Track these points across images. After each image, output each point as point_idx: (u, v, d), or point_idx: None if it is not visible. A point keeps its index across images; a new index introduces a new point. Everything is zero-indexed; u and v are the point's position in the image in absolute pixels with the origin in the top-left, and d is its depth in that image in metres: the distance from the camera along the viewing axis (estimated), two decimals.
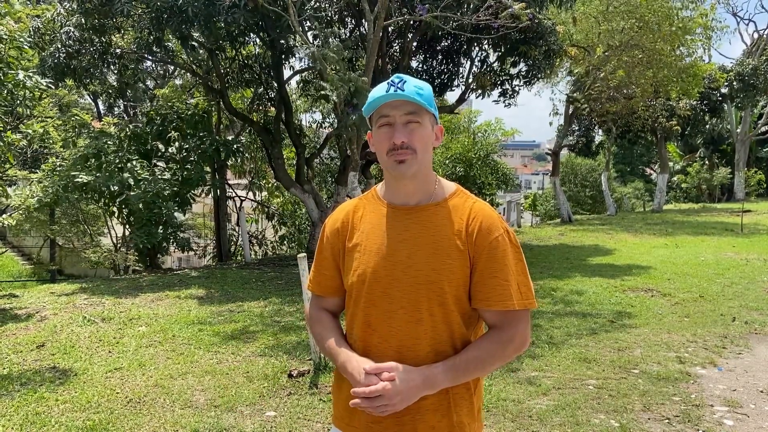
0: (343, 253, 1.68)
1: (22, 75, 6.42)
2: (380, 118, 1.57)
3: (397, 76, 1.57)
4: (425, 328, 1.54)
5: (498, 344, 1.55)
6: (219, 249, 15.20)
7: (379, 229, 1.62)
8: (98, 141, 10.85)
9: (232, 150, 12.31)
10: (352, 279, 1.63)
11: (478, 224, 1.56)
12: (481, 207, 1.61)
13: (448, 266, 1.54)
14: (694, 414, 3.98)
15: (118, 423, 3.90)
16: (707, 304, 7.23)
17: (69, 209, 14.09)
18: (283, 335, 6.00)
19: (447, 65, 13.62)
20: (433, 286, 1.53)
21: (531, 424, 3.82)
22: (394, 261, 1.57)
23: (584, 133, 24.72)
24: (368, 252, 1.61)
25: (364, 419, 1.60)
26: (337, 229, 1.71)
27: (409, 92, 1.53)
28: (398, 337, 1.55)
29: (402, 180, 1.59)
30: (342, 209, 1.75)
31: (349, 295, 1.66)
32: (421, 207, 1.61)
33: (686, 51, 17.76)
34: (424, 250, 1.56)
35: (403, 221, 1.61)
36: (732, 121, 29.38)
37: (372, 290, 1.58)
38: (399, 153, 1.54)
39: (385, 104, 1.56)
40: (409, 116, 1.55)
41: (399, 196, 1.63)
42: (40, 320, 6.68)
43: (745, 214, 17.51)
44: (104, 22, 9.96)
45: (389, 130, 1.56)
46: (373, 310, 1.59)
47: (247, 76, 13.45)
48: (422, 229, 1.58)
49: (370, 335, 1.59)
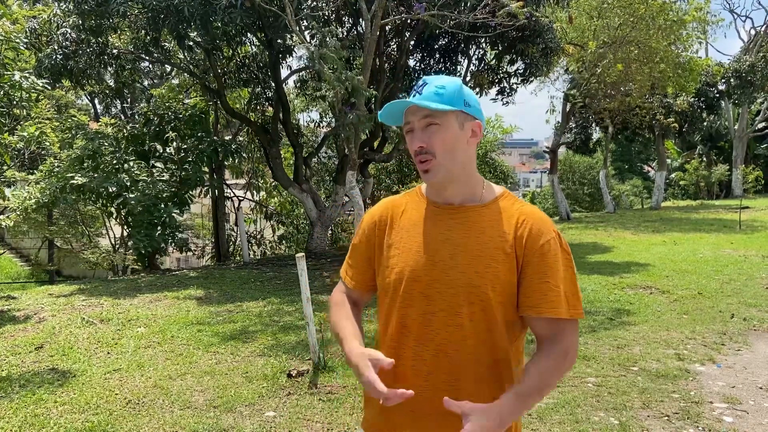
0: (380, 249, 1.62)
1: (18, 76, 6.41)
2: (405, 125, 1.55)
3: (423, 80, 1.53)
4: (466, 334, 1.46)
5: (556, 360, 1.46)
6: (217, 249, 15.18)
7: (421, 227, 1.56)
8: (94, 142, 10.83)
9: (229, 150, 12.30)
10: (389, 277, 1.56)
11: (529, 227, 1.49)
12: (531, 210, 1.55)
13: (494, 270, 1.46)
14: (693, 411, 3.98)
15: (117, 424, 3.89)
16: (706, 301, 7.24)
17: (67, 210, 14.05)
18: (282, 335, 5.99)
19: (444, 64, 13.60)
20: (476, 290, 1.46)
21: (530, 422, 3.82)
22: (435, 261, 1.50)
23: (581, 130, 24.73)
24: (408, 250, 1.55)
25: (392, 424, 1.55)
26: (375, 223, 1.65)
27: (424, 96, 1.49)
28: (436, 341, 1.48)
29: (436, 186, 1.56)
30: (383, 203, 1.69)
31: (385, 294, 1.59)
32: (466, 207, 1.55)
33: (682, 46, 17.76)
34: (467, 251, 1.49)
35: (446, 221, 1.54)
36: (729, 118, 29.40)
37: (410, 290, 1.51)
38: (420, 159, 1.52)
39: (406, 111, 1.53)
40: (427, 119, 1.50)
41: (441, 196, 1.58)
42: (39, 322, 6.67)
43: (743, 211, 17.52)
44: (101, 23, 9.92)
45: (411, 137, 1.53)
46: (410, 311, 1.52)
47: (244, 75, 13.42)
48: (467, 230, 1.52)
49: (405, 337, 1.52)
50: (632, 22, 15.81)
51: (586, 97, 18.38)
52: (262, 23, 9.84)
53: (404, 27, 11.72)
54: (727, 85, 23.61)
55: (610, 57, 16.12)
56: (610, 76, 16.70)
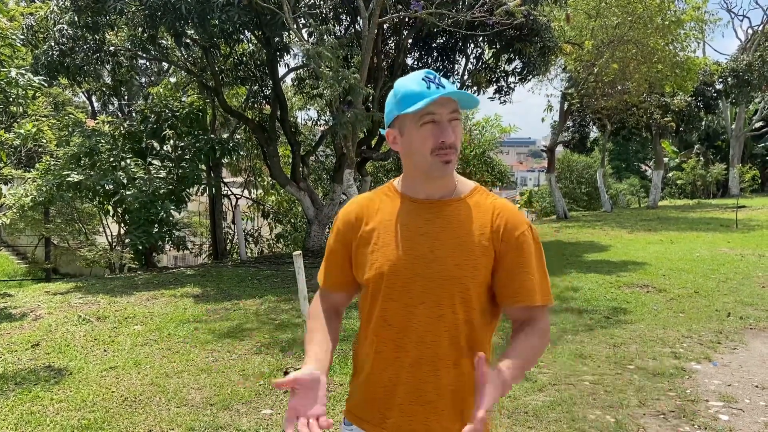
0: (358, 248, 1.62)
1: (14, 73, 6.40)
2: (425, 116, 1.51)
3: (430, 72, 1.53)
4: (447, 325, 1.50)
5: (539, 338, 1.52)
6: (215, 247, 15.15)
7: (398, 223, 1.57)
8: (91, 139, 10.81)
9: (227, 148, 12.28)
10: (369, 274, 1.57)
11: (504, 220, 1.54)
12: (504, 203, 1.59)
13: (473, 262, 1.50)
14: (689, 409, 3.99)
15: (113, 422, 3.89)
16: (702, 299, 7.25)
17: (64, 208, 14.03)
18: (279, 333, 5.99)
19: (442, 62, 13.62)
20: (456, 282, 1.50)
21: (527, 421, 3.82)
22: (415, 255, 1.52)
23: (579, 129, 24.75)
24: (387, 246, 1.56)
25: (377, 415, 1.58)
26: (350, 222, 1.65)
27: (450, 89, 1.49)
28: (418, 332, 1.51)
29: (439, 179, 1.57)
30: (355, 201, 1.70)
31: (366, 291, 1.61)
32: (444, 201, 1.58)
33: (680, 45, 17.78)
34: (447, 244, 1.52)
35: (423, 215, 1.56)
36: (726, 118, 29.45)
37: (392, 285, 1.53)
38: (445, 152, 1.51)
39: (434, 101, 1.50)
40: (455, 114, 1.52)
41: (424, 192, 1.59)
42: (35, 319, 6.65)
43: (739, 210, 17.57)
44: (98, 20, 9.89)
45: (435, 128, 1.51)
46: (391, 305, 1.54)
47: (241, 73, 13.40)
48: (446, 224, 1.54)
49: (387, 330, 1.55)
50: (630, 21, 15.83)
51: (584, 96, 18.40)
52: (260, 21, 9.82)
53: (402, 25, 11.72)
54: (725, 85, 23.65)
55: (608, 56, 16.14)
56: (607, 75, 16.73)
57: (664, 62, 16.68)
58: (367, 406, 1.59)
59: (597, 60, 16.50)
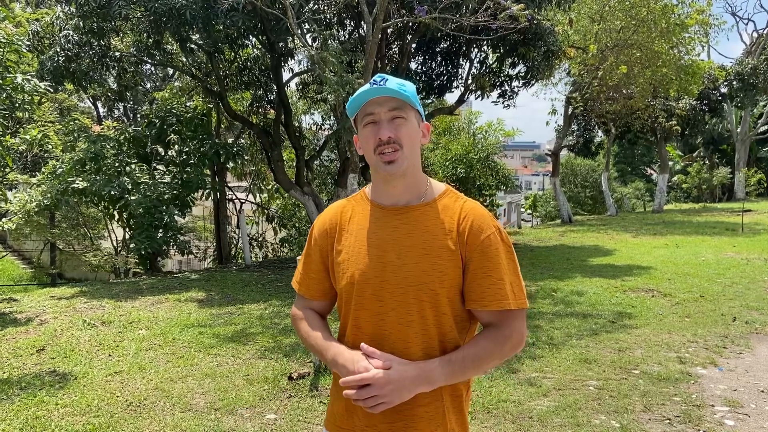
0: (332, 255, 1.64)
1: (20, 78, 6.43)
2: (365, 117, 1.55)
3: (379, 76, 1.55)
4: (416, 330, 1.51)
5: (495, 342, 1.51)
6: (219, 252, 15.19)
7: (368, 231, 1.59)
8: (96, 145, 10.85)
9: (231, 153, 12.31)
10: (341, 282, 1.60)
11: (470, 223, 1.54)
12: (471, 206, 1.58)
13: (440, 267, 1.51)
14: (694, 414, 3.97)
15: (118, 427, 3.89)
16: (708, 304, 7.22)
17: (69, 213, 14.09)
18: (284, 337, 5.99)
19: (446, 67, 13.63)
20: (424, 288, 1.50)
21: (531, 426, 3.81)
22: (384, 262, 1.54)
23: (583, 133, 24.71)
24: (357, 254, 1.58)
25: (358, 423, 1.58)
26: (325, 231, 1.67)
27: (391, 87, 1.51)
28: (390, 339, 1.52)
29: (392, 181, 1.57)
30: (330, 210, 1.71)
31: (340, 299, 1.63)
32: (410, 207, 1.58)
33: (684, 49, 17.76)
34: (414, 251, 1.53)
35: (392, 222, 1.57)
36: (732, 121, 29.39)
37: (362, 293, 1.55)
38: (386, 150, 1.52)
39: (369, 102, 1.54)
40: (394, 112, 1.53)
41: (388, 197, 1.60)
42: (40, 324, 6.67)
43: (745, 214, 17.51)
44: (103, 26, 9.95)
45: (375, 128, 1.54)
46: (362, 313, 1.55)
47: (246, 78, 13.46)
48: (412, 230, 1.55)
49: (360, 339, 1.55)
50: (634, 25, 15.81)
51: (588, 99, 18.38)
52: (264, 26, 9.86)
53: (406, 30, 11.74)
54: (730, 88, 23.60)
55: (612, 60, 16.12)
56: (612, 79, 16.70)
57: (669, 66, 16.65)
58: (347, 414, 1.60)
59: (601, 64, 16.48)
